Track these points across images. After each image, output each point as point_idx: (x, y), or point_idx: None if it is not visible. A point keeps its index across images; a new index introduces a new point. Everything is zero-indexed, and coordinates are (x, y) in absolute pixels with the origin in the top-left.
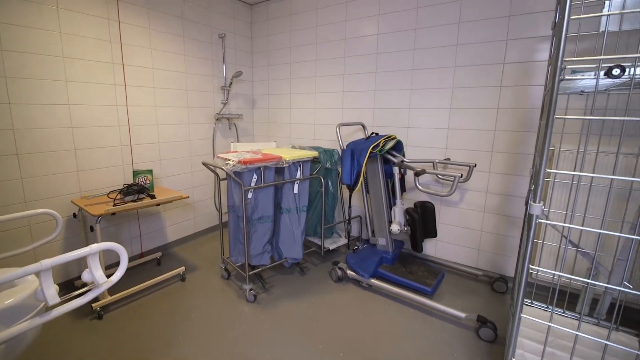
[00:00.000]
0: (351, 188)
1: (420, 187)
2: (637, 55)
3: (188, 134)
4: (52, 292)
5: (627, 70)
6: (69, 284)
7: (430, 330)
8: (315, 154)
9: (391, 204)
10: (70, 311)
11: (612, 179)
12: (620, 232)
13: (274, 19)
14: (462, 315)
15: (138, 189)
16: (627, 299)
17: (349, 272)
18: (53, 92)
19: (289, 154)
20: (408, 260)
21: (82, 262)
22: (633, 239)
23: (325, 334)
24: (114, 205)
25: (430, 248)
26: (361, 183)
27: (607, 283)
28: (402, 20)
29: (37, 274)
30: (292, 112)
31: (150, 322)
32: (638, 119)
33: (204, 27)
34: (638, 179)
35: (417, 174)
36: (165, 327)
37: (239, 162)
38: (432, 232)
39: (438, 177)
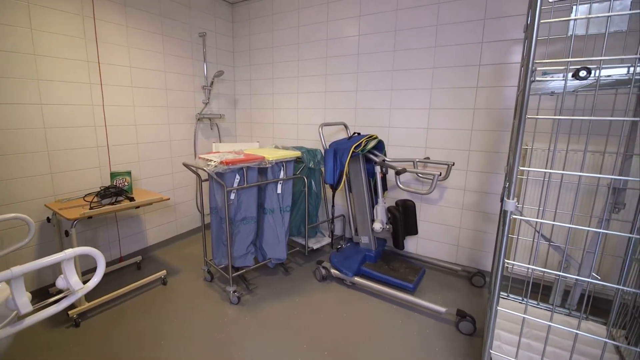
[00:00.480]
0: (334, 187)
1: (401, 185)
2: (602, 58)
3: (168, 135)
4: (24, 301)
5: (592, 72)
6: (44, 292)
7: (413, 326)
8: (298, 154)
9: (373, 202)
10: (45, 320)
11: (580, 175)
12: (589, 226)
13: (256, 18)
14: (443, 310)
15: (116, 191)
16: (595, 290)
17: (333, 271)
18: (24, 91)
19: (272, 154)
20: (390, 257)
21: (57, 269)
22: (600, 232)
23: (310, 333)
24: (91, 208)
25: (412, 245)
26: (344, 182)
27: (577, 275)
28: (382, 22)
29: (8, 281)
30: (275, 112)
31: (130, 328)
32: (604, 118)
33: (184, 26)
34: (605, 176)
35: (398, 172)
36: (147, 333)
37: (221, 162)
38: (413, 230)
39: (418, 176)
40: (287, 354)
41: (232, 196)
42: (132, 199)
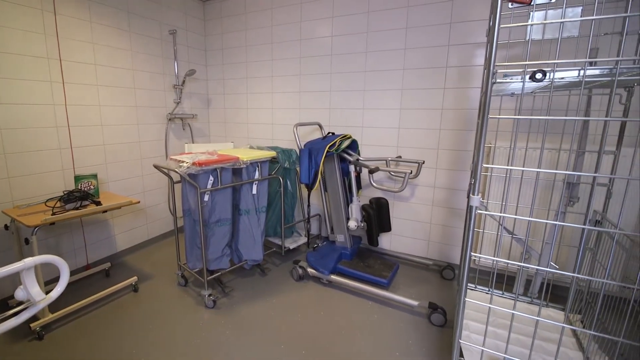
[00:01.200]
0: (310, 187)
1: (374, 184)
2: (556, 61)
3: (137, 135)
4: None
5: (547, 74)
6: (2, 304)
7: (387, 321)
8: (273, 154)
9: (348, 201)
10: (4, 333)
11: (538, 171)
12: (547, 219)
13: (228, 16)
14: (415, 303)
15: (81, 195)
16: (554, 278)
17: (310, 270)
18: None
19: (246, 155)
20: (365, 254)
21: (16, 279)
22: (556, 224)
23: (287, 333)
24: (53, 214)
25: (386, 242)
26: (319, 182)
27: (538, 265)
28: (354, 24)
29: None
30: (250, 112)
31: (99, 339)
32: (558, 118)
33: (153, 22)
34: (560, 171)
35: (371, 171)
36: (117, 343)
37: (194, 163)
38: (386, 227)
39: (391, 174)
40: (264, 355)
41: (206, 198)
42: (98, 203)
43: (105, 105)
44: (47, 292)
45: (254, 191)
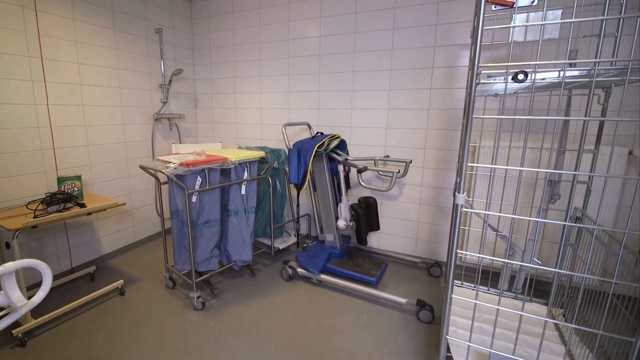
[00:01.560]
0: (299, 187)
1: (363, 183)
2: (537, 62)
3: (123, 136)
4: None
5: (529, 75)
6: None
7: (377, 319)
8: (262, 154)
9: (337, 200)
10: None
11: (520, 170)
12: (530, 216)
13: (216, 15)
14: (404, 300)
15: (64, 197)
16: (537, 274)
17: (299, 269)
18: None
19: (235, 155)
20: (355, 253)
21: None
22: (538, 221)
23: (277, 334)
24: (35, 217)
25: (374, 240)
26: (308, 181)
27: (521, 261)
28: (342, 24)
29: None
30: (238, 112)
31: (85, 344)
32: (539, 118)
33: (138, 20)
34: (542, 170)
35: (360, 171)
36: (103, 348)
37: (181, 164)
38: (375, 226)
39: (379, 174)
40: (254, 356)
41: (194, 199)
42: (82, 205)
43: (89, 105)
44: (29, 298)
45: (243, 191)
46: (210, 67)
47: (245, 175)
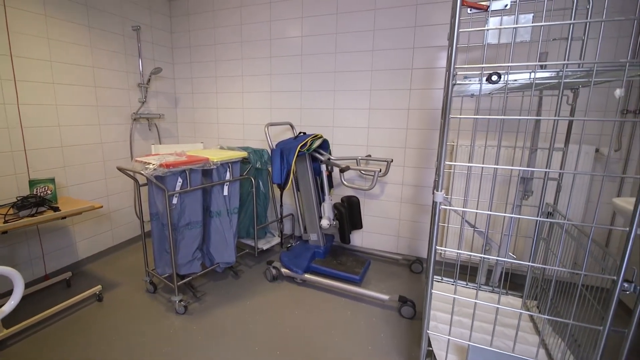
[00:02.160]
0: (282, 187)
1: (345, 182)
2: (509, 64)
3: (99, 136)
4: None
5: (502, 77)
6: None
7: (360, 316)
8: (244, 154)
9: (320, 200)
10: None
11: (495, 168)
12: (504, 212)
13: (196, 13)
14: (386, 297)
15: (36, 201)
16: (512, 268)
17: (284, 270)
18: None
19: (216, 155)
20: (338, 252)
21: None
22: (512, 217)
23: (261, 335)
24: (5, 222)
25: (357, 239)
26: (291, 181)
27: (497, 256)
28: (324, 25)
29: None
30: (220, 111)
31: (61, 353)
32: (512, 117)
33: (114, 18)
34: (515, 167)
35: (342, 170)
36: (82, 357)
37: (161, 165)
38: (358, 224)
39: (361, 173)
40: (237, 358)
41: (175, 201)
42: (56, 209)
43: (62, 104)
44: None
45: (225, 192)
46: (191, 66)
47: (228, 176)
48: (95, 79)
